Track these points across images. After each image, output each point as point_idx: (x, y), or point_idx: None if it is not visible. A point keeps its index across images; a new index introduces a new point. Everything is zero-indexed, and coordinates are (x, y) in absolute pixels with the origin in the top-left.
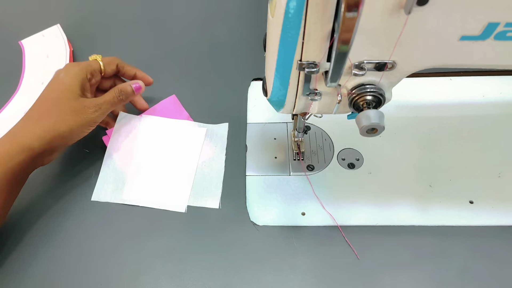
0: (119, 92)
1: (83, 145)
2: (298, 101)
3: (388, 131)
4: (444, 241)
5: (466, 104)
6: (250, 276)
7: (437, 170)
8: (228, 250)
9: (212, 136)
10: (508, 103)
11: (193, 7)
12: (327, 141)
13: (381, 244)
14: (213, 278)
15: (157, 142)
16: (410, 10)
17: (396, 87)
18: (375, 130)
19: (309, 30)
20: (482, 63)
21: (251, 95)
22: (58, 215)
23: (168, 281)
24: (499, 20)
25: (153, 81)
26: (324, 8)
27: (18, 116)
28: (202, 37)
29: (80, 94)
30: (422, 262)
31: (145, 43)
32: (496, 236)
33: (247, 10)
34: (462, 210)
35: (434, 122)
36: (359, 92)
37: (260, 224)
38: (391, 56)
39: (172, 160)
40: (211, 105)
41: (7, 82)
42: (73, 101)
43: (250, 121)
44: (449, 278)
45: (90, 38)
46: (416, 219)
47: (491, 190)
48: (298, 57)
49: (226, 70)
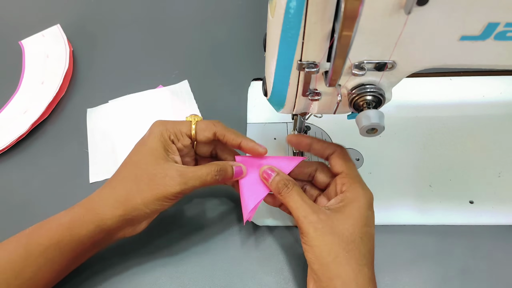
0: (216, 171)
1: (83, 145)
2: (298, 101)
3: (388, 131)
4: (444, 241)
5: (466, 104)
6: (250, 277)
7: (437, 170)
8: (228, 250)
9: (178, 94)
10: (508, 103)
11: (193, 7)
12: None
13: (381, 244)
14: (213, 279)
15: (132, 116)
16: (410, 10)
17: (396, 87)
18: (375, 130)
19: (309, 30)
20: (482, 63)
21: (251, 95)
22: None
23: (168, 281)
24: (499, 20)
25: (265, 150)
26: (324, 8)
27: (18, 116)
28: (202, 37)
29: (164, 157)
30: (422, 262)
31: (145, 43)
32: (496, 236)
33: (247, 10)
34: (462, 210)
35: (434, 122)
36: (359, 92)
37: (260, 224)
38: (391, 56)
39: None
40: (211, 105)
41: (7, 82)
42: (153, 166)
43: (250, 121)
44: (449, 277)
45: (90, 38)
46: (416, 219)
47: (491, 190)
48: (298, 57)
49: (226, 70)
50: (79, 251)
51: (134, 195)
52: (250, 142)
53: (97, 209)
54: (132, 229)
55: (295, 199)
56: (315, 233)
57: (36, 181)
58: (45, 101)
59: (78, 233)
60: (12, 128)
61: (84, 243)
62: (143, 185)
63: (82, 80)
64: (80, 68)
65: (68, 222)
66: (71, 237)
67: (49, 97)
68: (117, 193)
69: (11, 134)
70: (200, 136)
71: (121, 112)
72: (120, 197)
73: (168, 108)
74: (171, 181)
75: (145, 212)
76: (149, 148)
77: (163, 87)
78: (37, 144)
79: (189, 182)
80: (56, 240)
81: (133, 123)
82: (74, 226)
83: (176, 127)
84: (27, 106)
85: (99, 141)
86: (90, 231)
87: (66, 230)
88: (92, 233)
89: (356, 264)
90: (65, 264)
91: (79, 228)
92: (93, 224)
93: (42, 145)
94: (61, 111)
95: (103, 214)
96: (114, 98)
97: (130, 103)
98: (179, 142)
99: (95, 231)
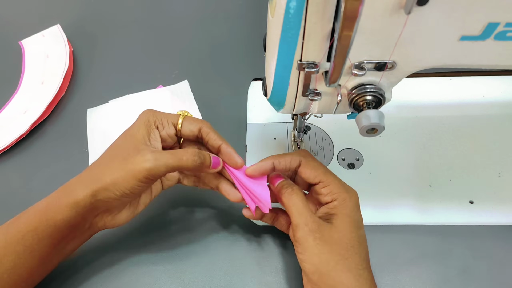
0: (195, 152)
1: (83, 145)
2: (298, 101)
3: (388, 131)
4: (445, 240)
5: (466, 104)
6: (250, 277)
7: (437, 170)
8: (228, 250)
9: (178, 94)
10: (508, 103)
11: (193, 7)
12: (327, 141)
13: (381, 243)
14: (213, 279)
15: (132, 116)
16: (410, 10)
17: (396, 87)
18: (375, 130)
19: (309, 30)
20: (482, 63)
21: (251, 95)
22: None
23: (168, 281)
24: (499, 20)
25: (242, 163)
26: (324, 8)
27: (18, 116)
28: (202, 37)
29: (144, 141)
30: (422, 261)
31: (145, 43)
32: (496, 235)
33: (247, 10)
34: (462, 210)
35: (434, 122)
36: (359, 92)
37: (260, 224)
38: (391, 56)
39: None
40: (211, 105)
41: (7, 82)
42: (129, 145)
43: (250, 121)
44: (449, 277)
45: (90, 38)
46: (416, 219)
47: (491, 190)
48: (298, 57)
49: (226, 70)
50: (57, 237)
51: (104, 174)
52: (230, 148)
53: (72, 190)
54: (111, 217)
55: (297, 203)
56: (314, 241)
57: (36, 181)
58: (45, 101)
59: (53, 217)
60: (12, 128)
61: (61, 228)
62: (115, 164)
63: (82, 80)
64: (80, 68)
65: (45, 207)
66: (47, 222)
67: (49, 97)
68: (91, 173)
69: (11, 134)
70: (185, 129)
71: (121, 112)
72: (92, 177)
73: (168, 108)
74: (141, 157)
75: (115, 193)
76: (131, 131)
77: (163, 87)
78: (37, 144)
79: (161, 159)
80: (34, 226)
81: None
82: (50, 211)
83: (164, 115)
84: (27, 106)
85: (99, 141)
86: (65, 215)
87: (42, 215)
88: (68, 217)
89: (357, 269)
90: (45, 252)
91: (55, 212)
92: (67, 207)
93: (42, 145)
94: (61, 111)
95: (76, 196)
96: (114, 98)
97: (130, 103)
98: (164, 129)
99: (70, 215)
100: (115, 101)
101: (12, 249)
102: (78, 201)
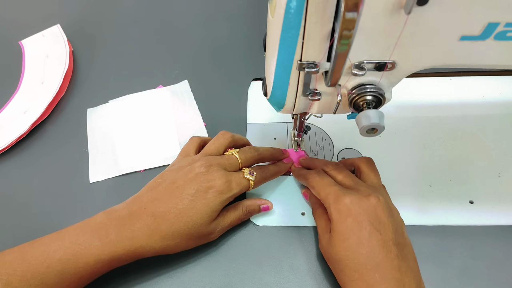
0: (246, 212)
1: (83, 145)
2: (298, 101)
3: (388, 131)
4: (444, 241)
5: (466, 104)
6: (250, 277)
7: (437, 170)
8: (228, 250)
9: (178, 94)
10: (508, 103)
11: (193, 7)
12: (327, 141)
13: None
14: (213, 278)
15: (132, 116)
16: (410, 10)
17: (396, 87)
18: (375, 130)
19: (309, 30)
20: (482, 63)
21: (251, 95)
22: (58, 213)
23: (168, 281)
24: (499, 20)
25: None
26: (324, 8)
27: (18, 116)
28: (202, 37)
29: (215, 217)
30: (422, 262)
31: (145, 43)
32: (496, 236)
33: (247, 10)
34: (462, 210)
35: (434, 122)
36: (359, 92)
37: (260, 224)
38: (391, 56)
39: (153, 124)
40: (211, 105)
41: (7, 82)
42: (204, 225)
43: (250, 121)
44: (449, 277)
45: (90, 38)
46: (416, 219)
47: (491, 190)
48: (298, 57)
49: (226, 70)
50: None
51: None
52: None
53: (117, 242)
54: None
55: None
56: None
57: (36, 181)
58: (45, 101)
59: (79, 272)
60: (12, 128)
61: (83, 280)
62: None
63: (82, 80)
64: (80, 68)
65: (73, 255)
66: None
67: (49, 97)
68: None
69: (11, 134)
70: (243, 162)
71: (121, 112)
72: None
73: (168, 108)
74: (213, 235)
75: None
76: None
77: (163, 87)
78: (37, 144)
79: (225, 229)
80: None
81: (133, 123)
82: (79, 260)
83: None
84: (27, 106)
85: (99, 141)
86: (93, 267)
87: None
88: (94, 270)
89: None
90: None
91: (83, 265)
92: (99, 261)
93: (42, 145)
94: (61, 111)
95: (116, 250)
96: (114, 98)
97: (130, 103)
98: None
99: (98, 270)
100: (115, 101)
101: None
102: (119, 256)
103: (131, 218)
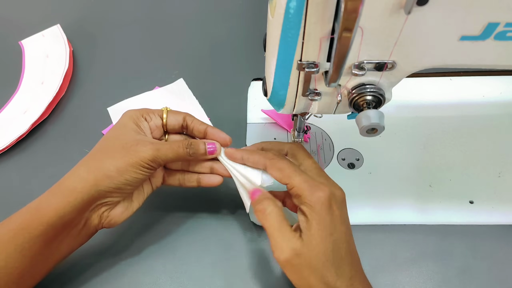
0: (188, 143)
1: (83, 145)
2: (298, 101)
3: (388, 131)
4: (444, 240)
5: (466, 104)
6: (250, 277)
7: (437, 170)
8: (228, 250)
9: (176, 93)
10: (508, 103)
11: (193, 7)
12: (327, 141)
13: (381, 243)
14: (213, 278)
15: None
16: (410, 10)
17: (396, 87)
18: (375, 130)
19: (309, 30)
20: (482, 63)
21: (251, 95)
22: None
23: (168, 281)
24: (499, 20)
25: (230, 140)
26: (324, 8)
27: (18, 116)
28: (202, 37)
29: (136, 130)
30: (422, 261)
31: (145, 43)
32: (496, 236)
33: (247, 10)
34: (462, 210)
35: (434, 122)
36: (359, 92)
37: (260, 224)
38: (391, 56)
39: None
40: (211, 105)
41: (7, 82)
42: (125, 136)
43: (250, 121)
44: (449, 277)
45: (90, 38)
46: (416, 219)
47: (491, 190)
48: (298, 57)
49: (226, 70)
50: (50, 235)
51: (105, 162)
52: (215, 128)
53: (67, 184)
54: (107, 213)
55: (270, 225)
56: (291, 270)
57: (36, 181)
58: (45, 101)
59: (46, 214)
60: (12, 128)
61: (54, 225)
62: (116, 153)
63: (82, 80)
64: (80, 68)
65: (37, 205)
66: (39, 220)
67: (49, 97)
68: (88, 165)
69: (11, 134)
70: (171, 119)
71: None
72: (91, 167)
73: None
74: (143, 147)
75: (118, 181)
76: (121, 123)
77: (159, 88)
78: (37, 144)
79: (161, 149)
80: (25, 224)
81: None
82: (43, 208)
83: (148, 109)
84: (27, 106)
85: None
86: (59, 210)
87: (35, 213)
88: (62, 212)
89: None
90: (37, 251)
91: (47, 208)
92: (62, 201)
93: (42, 145)
94: (61, 111)
95: (73, 188)
96: (113, 99)
97: (130, 106)
98: (152, 120)
99: (64, 210)
100: (117, 105)
101: (3, 248)
102: (76, 192)
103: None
